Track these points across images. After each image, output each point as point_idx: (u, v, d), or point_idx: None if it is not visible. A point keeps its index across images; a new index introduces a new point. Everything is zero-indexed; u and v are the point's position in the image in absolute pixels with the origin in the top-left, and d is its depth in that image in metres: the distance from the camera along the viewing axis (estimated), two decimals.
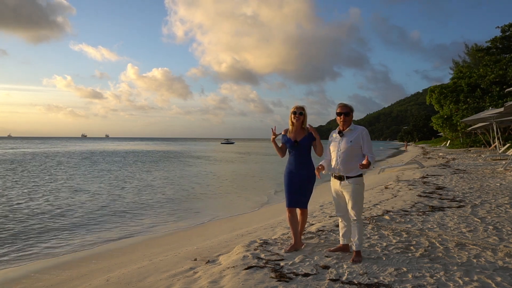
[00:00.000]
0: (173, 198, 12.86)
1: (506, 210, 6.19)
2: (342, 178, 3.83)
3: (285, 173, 4.33)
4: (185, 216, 10.15)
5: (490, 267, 3.53)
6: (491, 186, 9.19)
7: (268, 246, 4.39)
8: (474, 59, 43.34)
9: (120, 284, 3.91)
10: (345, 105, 3.90)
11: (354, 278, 3.31)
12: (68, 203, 11.53)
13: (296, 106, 4.30)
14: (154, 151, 58.89)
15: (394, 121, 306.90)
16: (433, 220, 5.55)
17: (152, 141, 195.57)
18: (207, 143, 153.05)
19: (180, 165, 29.68)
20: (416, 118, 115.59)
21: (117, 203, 11.77)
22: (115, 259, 5.96)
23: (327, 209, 7.16)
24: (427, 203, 6.96)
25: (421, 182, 10.31)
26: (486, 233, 4.78)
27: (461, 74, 39.46)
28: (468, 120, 23.95)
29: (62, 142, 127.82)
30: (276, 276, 3.37)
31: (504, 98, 28.59)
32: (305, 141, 4.22)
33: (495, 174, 11.74)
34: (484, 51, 34.09)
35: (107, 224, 8.99)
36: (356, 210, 3.78)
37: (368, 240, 4.51)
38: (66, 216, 9.69)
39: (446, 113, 38.88)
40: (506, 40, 32.51)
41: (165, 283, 3.63)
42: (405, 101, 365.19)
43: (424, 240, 4.48)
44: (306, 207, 4.30)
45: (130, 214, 10.18)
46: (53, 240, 7.56)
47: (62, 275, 5.37)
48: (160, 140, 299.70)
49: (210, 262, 4.19)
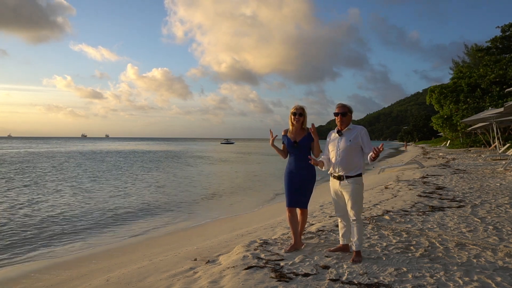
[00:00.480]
0: (173, 198, 12.87)
1: (506, 210, 6.19)
2: (341, 178, 3.83)
3: (285, 173, 4.33)
4: (185, 216, 10.15)
5: (490, 267, 3.53)
6: (491, 186, 9.19)
7: (268, 246, 4.39)
8: (474, 59, 43.32)
9: (120, 284, 3.91)
10: (343, 105, 3.90)
11: (354, 278, 3.31)
12: (68, 203, 11.53)
13: (296, 107, 4.28)
14: (154, 151, 58.89)
15: (394, 121, 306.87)
16: (433, 220, 5.55)
17: (152, 141, 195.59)
18: (207, 143, 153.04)
19: (181, 165, 29.68)
20: (416, 118, 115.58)
21: (117, 202, 11.77)
22: (115, 259, 5.96)
23: (327, 209, 7.16)
24: (427, 203, 6.96)
25: (421, 182, 10.31)
26: (486, 233, 4.78)
27: (461, 74, 39.44)
28: (468, 120, 23.94)
29: (62, 142, 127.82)
30: (276, 276, 3.37)
31: (504, 98, 28.58)
32: (305, 141, 4.21)
33: (495, 174, 11.74)
34: (484, 51, 34.07)
35: (107, 224, 8.99)
36: (356, 210, 3.78)
37: (368, 240, 4.51)
38: (66, 216, 9.69)
39: (446, 113, 38.85)
40: (506, 40, 32.50)
41: (165, 283, 3.63)
42: (405, 101, 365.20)
43: (424, 240, 4.48)
44: (306, 207, 4.31)
45: (130, 214, 10.18)
46: (53, 240, 7.56)
47: (62, 275, 5.37)
48: (160, 140, 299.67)
49: (210, 262, 4.19)
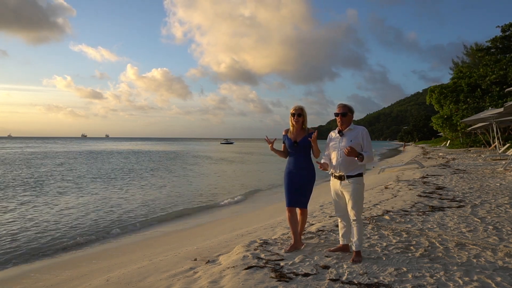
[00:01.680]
0: (173, 198, 12.87)
1: (506, 210, 6.19)
2: (342, 177, 3.84)
3: (285, 173, 4.33)
4: (185, 216, 10.15)
5: (490, 267, 3.53)
6: (491, 186, 9.19)
7: (268, 246, 4.39)
8: (474, 59, 43.31)
9: (120, 284, 3.91)
10: (343, 105, 3.90)
11: (354, 278, 3.31)
12: (69, 203, 11.53)
13: (295, 107, 4.27)
14: (155, 152, 58.88)
15: (394, 121, 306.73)
16: (433, 220, 5.55)
17: (152, 141, 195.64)
18: (207, 143, 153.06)
19: (181, 166, 29.67)
20: (416, 118, 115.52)
21: (118, 203, 11.77)
22: (115, 259, 5.96)
23: (327, 209, 7.16)
24: (427, 203, 6.96)
25: (421, 182, 10.30)
26: (486, 233, 4.78)
27: (461, 74, 39.43)
28: (468, 120, 23.94)
29: (63, 142, 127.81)
30: (276, 276, 3.37)
31: (504, 98, 28.57)
32: (305, 141, 4.21)
33: (495, 174, 11.74)
34: (484, 51, 34.04)
35: (107, 224, 8.99)
36: (356, 210, 3.78)
37: (368, 240, 4.51)
38: (66, 216, 9.69)
39: (446, 113, 38.84)
40: (506, 40, 32.47)
41: (165, 283, 3.63)
42: (405, 101, 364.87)
43: (424, 240, 4.48)
44: (306, 207, 4.30)
45: (130, 214, 10.18)
46: (53, 240, 7.56)
47: (62, 275, 5.37)
48: (160, 140, 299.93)
49: (210, 262, 4.19)
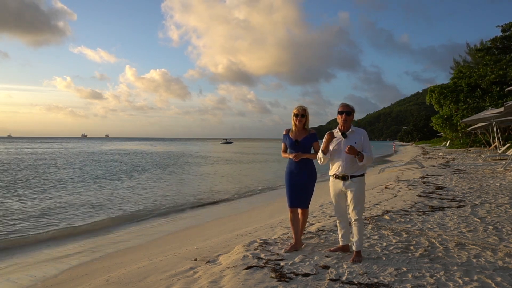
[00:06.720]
0: (173, 198, 12.86)
1: (506, 210, 6.19)
2: (346, 178, 3.86)
3: (286, 173, 4.32)
4: (185, 216, 10.15)
5: (490, 267, 3.53)
6: (491, 186, 9.19)
7: (268, 246, 4.39)
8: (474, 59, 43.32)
9: (120, 284, 3.91)
10: (347, 105, 3.95)
11: (354, 278, 3.31)
12: (69, 202, 11.53)
13: (298, 108, 4.24)
14: (155, 152, 58.87)
15: (394, 121, 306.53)
16: (433, 220, 5.55)
17: (152, 141, 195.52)
18: (207, 143, 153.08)
19: (181, 165, 29.66)
20: (416, 118, 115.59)
21: (117, 202, 11.77)
22: (115, 259, 5.95)
23: (327, 209, 7.16)
24: (427, 203, 6.96)
25: (421, 182, 10.30)
26: (486, 233, 4.78)
27: (461, 74, 39.42)
28: (468, 120, 23.94)
29: (63, 142, 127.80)
30: (276, 276, 3.37)
31: (504, 98, 28.58)
32: (306, 141, 4.20)
33: (495, 174, 11.74)
34: (484, 51, 34.04)
35: (107, 224, 8.99)
36: (358, 210, 3.81)
37: (368, 240, 4.52)
38: (66, 216, 9.69)
39: (446, 113, 38.83)
40: (506, 40, 32.46)
41: (165, 283, 3.63)
42: (405, 101, 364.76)
43: (424, 240, 4.48)
44: (307, 207, 4.31)
45: (130, 214, 10.18)
46: (53, 240, 7.56)
47: (62, 275, 5.37)
48: (160, 140, 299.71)
49: (210, 262, 4.19)
